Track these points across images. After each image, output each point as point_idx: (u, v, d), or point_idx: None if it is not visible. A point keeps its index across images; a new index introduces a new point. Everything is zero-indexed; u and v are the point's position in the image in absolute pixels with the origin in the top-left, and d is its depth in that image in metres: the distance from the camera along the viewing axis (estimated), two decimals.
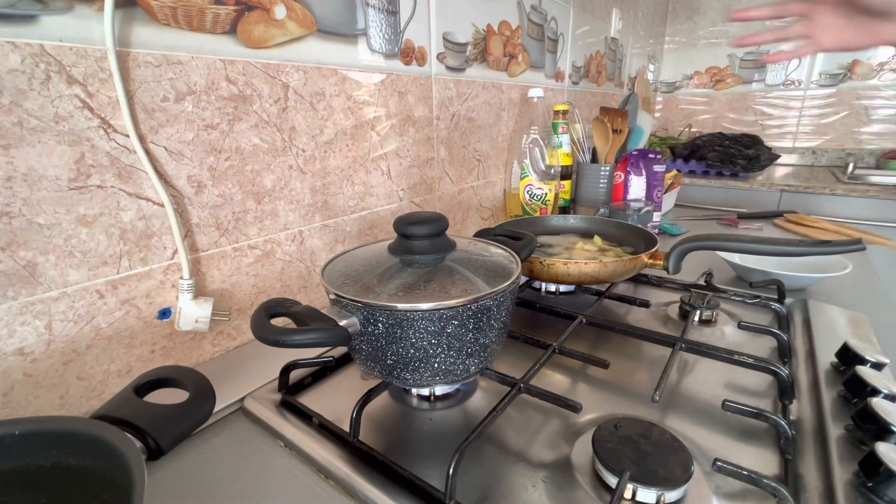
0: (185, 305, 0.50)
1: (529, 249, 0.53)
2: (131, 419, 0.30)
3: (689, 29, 2.15)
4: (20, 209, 0.39)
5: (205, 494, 0.38)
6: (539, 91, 1.03)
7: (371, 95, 0.70)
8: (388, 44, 0.71)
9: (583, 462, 0.39)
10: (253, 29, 0.53)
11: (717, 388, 0.49)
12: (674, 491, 0.34)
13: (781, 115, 2.02)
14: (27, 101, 0.38)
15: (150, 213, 0.47)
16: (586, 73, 1.44)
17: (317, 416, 0.44)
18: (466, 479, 0.37)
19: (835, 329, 0.58)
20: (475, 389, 0.50)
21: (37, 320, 0.41)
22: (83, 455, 0.27)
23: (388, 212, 0.78)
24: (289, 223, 0.62)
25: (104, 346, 0.46)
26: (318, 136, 0.63)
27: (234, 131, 0.53)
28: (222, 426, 0.46)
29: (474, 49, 0.90)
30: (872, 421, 0.38)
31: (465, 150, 0.93)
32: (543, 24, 1.13)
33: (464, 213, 0.98)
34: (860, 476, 0.35)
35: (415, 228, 0.45)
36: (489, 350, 0.44)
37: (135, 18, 0.44)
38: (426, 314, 0.38)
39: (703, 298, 0.65)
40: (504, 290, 0.41)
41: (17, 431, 0.27)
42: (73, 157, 0.41)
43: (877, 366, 0.46)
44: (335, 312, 0.40)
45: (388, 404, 0.47)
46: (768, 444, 0.40)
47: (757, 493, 0.35)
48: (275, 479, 0.39)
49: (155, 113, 0.46)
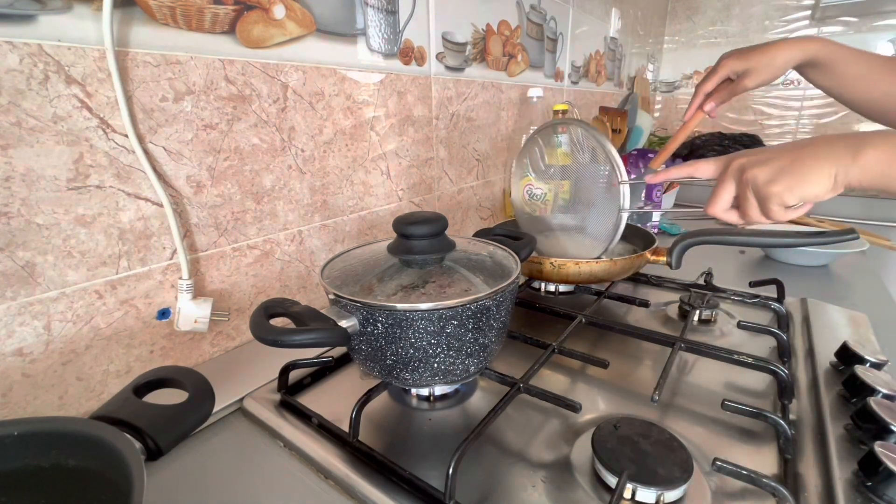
0: (184, 306, 0.50)
1: (529, 249, 0.53)
2: (130, 420, 0.30)
3: (688, 28, 2.15)
4: (19, 209, 0.39)
5: (204, 495, 0.38)
6: (538, 91, 1.03)
7: (370, 95, 0.70)
8: (388, 43, 0.71)
9: (582, 462, 0.38)
10: (252, 29, 0.53)
11: (716, 387, 0.49)
12: (673, 491, 0.34)
13: (781, 115, 2.02)
14: (25, 101, 0.38)
15: (149, 214, 0.47)
16: (585, 72, 1.44)
17: (316, 417, 0.44)
18: (466, 479, 0.37)
19: (834, 329, 0.58)
20: (475, 389, 0.50)
21: (35, 321, 0.41)
22: (82, 456, 0.27)
23: (387, 212, 0.78)
24: (288, 223, 0.62)
25: (103, 346, 0.46)
26: (318, 135, 0.63)
27: (234, 131, 0.53)
28: (222, 426, 0.46)
29: (473, 49, 0.90)
30: (872, 420, 0.38)
31: (465, 150, 0.93)
32: (543, 23, 1.13)
33: (463, 213, 0.98)
34: (859, 475, 0.35)
35: (414, 228, 0.45)
36: (489, 350, 0.44)
37: (133, 18, 0.43)
38: (425, 314, 0.38)
39: (702, 298, 0.65)
40: (503, 289, 0.41)
41: (15, 432, 0.27)
42: (71, 157, 0.41)
43: (876, 365, 0.46)
44: (334, 312, 0.40)
45: (388, 404, 0.47)
46: (768, 444, 0.40)
47: (756, 493, 0.35)
48: (274, 480, 0.39)
49: (154, 113, 0.46)
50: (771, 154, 0.40)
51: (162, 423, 0.31)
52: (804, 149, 0.39)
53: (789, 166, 0.38)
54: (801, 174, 0.38)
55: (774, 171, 0.39)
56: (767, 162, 0.40)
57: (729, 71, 0.63)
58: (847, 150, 0.37)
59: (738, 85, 0.63)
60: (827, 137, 0.39)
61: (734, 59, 0.62)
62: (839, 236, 0.51)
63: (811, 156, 0.38)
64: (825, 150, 0.37)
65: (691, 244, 0.62)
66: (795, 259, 0.85)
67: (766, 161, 0.40)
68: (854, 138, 0.37)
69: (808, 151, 0.38)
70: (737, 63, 0.62)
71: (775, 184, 0.39)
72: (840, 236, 0.51)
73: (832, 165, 0.37)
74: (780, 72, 0.60)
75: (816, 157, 0.38)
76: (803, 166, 0.38)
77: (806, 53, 0.59)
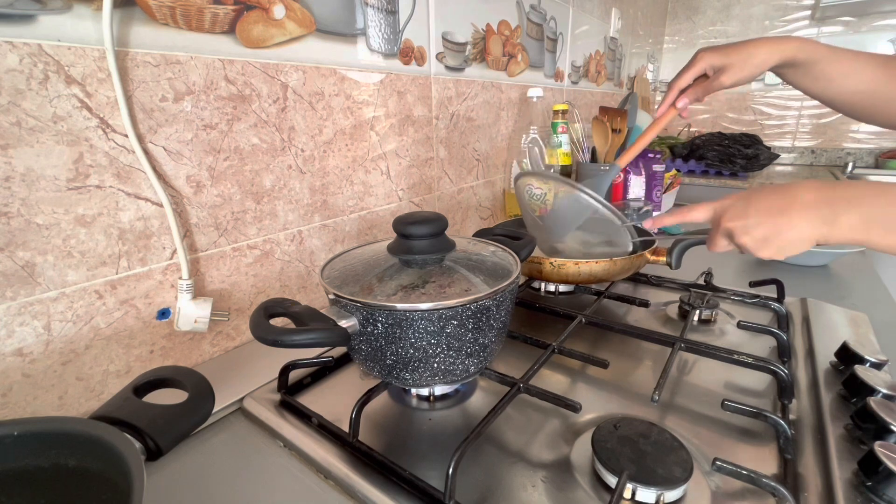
0: (184, 306, 0.50)
1: (529, 249, 0.53)
2: (130, 420, 0.30)
3: (688, 28, 2.15)
4: (18, 209, 0.39)
5: (204, 495, 0.38)
6: (538, 91, 1.03)
7: (370, 95, 0.70)
8: (388, 43, 0.71)
9: (582, 462, 0.39)
10: (252, 28, 0.53)
11: (716, 387, 0.49)
12: (673, 490, 0.34)
13: (780, 115, 2.03)
14: (25, 101, 0.38)
15: (149, 214, 0.47)
16: (585, 72, 1.44)
17: (316, 417, 0.44)
18: (466, 479, 0.37)
19: (834, 328, 0.58)
20: (475, 389, 0.50)
21: (35, 321, 0.41)
22: (82, 456, 0.27)
23: (387, 212, 0.78)
24: (288, 223, 0.62)
25: (103, 346, 0.46)
26: (318, 135, 0.63)
27: (233, 131, 0.53)
28: (221, 426, 0.46)
29: (473, 49, 0.90)
30: (871, 420, 0.38)
31: (465, 150, 0.93)
32: (543, 23, 1.13)
33: (463, 213, 0.98)
34: (859, 475, 0.35)
35: (414, 228, 0.45)
36: (488, 350, 0.44)
37: (133, 18, 0.43)
38: (425, 314, 0.38)
39: (702, 298, 0.65)
40: (503, 289, 0.41)
41: (15, 432, 0.27)
42: (71, 157, 0.41)
43: (876, 365, 0.46)
44: (334, 312, 0.40)
45: (388, 404, 0.47)
46: (768, 444, 0.40)
47: (756, 493, 0.35)
48: (274, 480, 0.39)
49: (154, 113, 0.46)
50: (755, 219, 0.43)
51: (162, 423, 0.31)
52: (782, 217, 0.42)
53: (773, 237, 0.43)
54: (784, 244, 0.42)
55: (759, 240, 0.43)
56: (752, 230, 0.44)
57: (706, 65, 0.61)
58: (822, 222, 0.40)
59: (714, 82, 0.61)
60: (802, 202, 0.41)
61: (711, 54, 0.61)
62: None
63: (789, 227, 0.41)
64: (802, 223, 0.41)
65: (691, 244, 0.62)
66: (795, 259, 0.85)
67: (752, 228, 0.44)
68: (827, 206, 0.40)
69: (785, 223, 0.42)
70: (714, 58, 0.61)
71: (763, 250, 0.44)
72: None
73: (811, 234, 0.41)
74: (756, 70, 0.59)
75: (793, 228, 0.41)
76: (784, 239, 0.42)
77: (784, 53, 0.58)
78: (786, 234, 0.42)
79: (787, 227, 0.41)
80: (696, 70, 0.63)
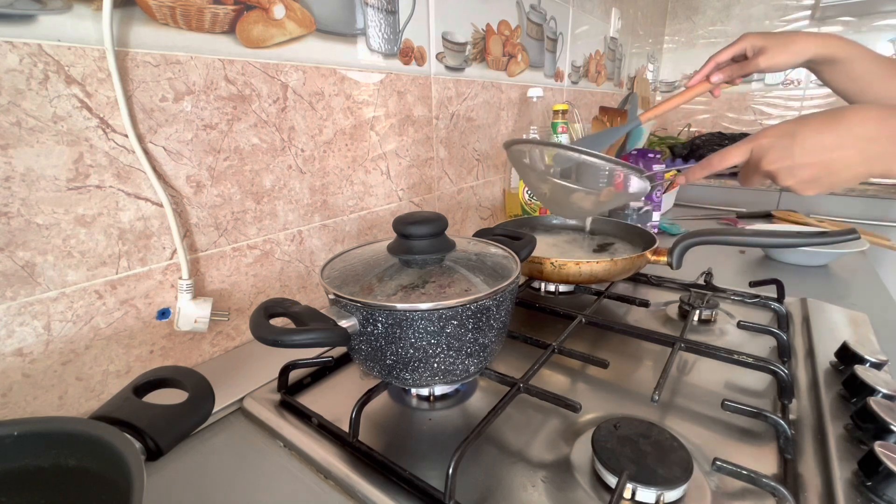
0: (184, 305, 0.50)
1: (529, 249, 0.53)
2: (130, 420, 0.30)
3: (688, 28, 2.15)
4: (18, 209, 0.39)
5: (204, 495, 0.38)
6: (538, 91, 1.03)
7: (370, 95, 0.70)
8: (388, 43, 0.71)
9: (582, 462, 0.38)
10: (252, 28, 0.53)
11: (716, 387, 0.49)
12: (673, 490, 0.34)
13: (781, 115, 2.02)
14: (25, 101, 0.38)
15: (149, 214, 0.47)
16: (585, 72, 1.44)
17: (316, 417, 0.44)
18: (466, 479, 0.37)
19: (834, 328, 0.58)
20: (475, 389, 0.50)
21: (35, 321, 0.41)
22: (82, 456, 0.27)
23: (387, 211, 0.78)
24: (288, 223, 0.62)
25: (103, 346, 0.46)
26: (318, 135, 0.63)
27: (233, 131, 0.53)
28: (221, 426, 0.46)
29: (473, 49, 0.90)
30: (871, 420, 0.38)
31: (465, 150, 0.93)
32: (543, 23, 1.13)
33: (463, 213, 0.98)
34: (859, 475, 0.35)
35: (414, 228, 0.45)
36: (489, 350, 0.44)
37: (133, 18, 0.43)
38: (425, 314, 0.38)
39: (702, 298, 0.65)
40: (503, 289, 0.41)
41: (15, 432, 0.27)
42: (71, 157, 0.41)
43: (876, 365, 0.46)
44: (334, 312, 0.40)
45: (388, 404, 0.47)
46: (768, 444, 0.40)
47: (756, 493, 0.35)
48: (274, 480, 0.39)
49: (154, 113, 0.46)
50: (802, 159, 0.40)
51: (162, 423, 0.31)
52: (834, 154, 0.38)
53: (824, 177, 0.39)
54: (835, 182, 0.39)
55: (807, 182, 0.40)
56: (798, 171, 0.40)
57: (748, 44, 0.63)
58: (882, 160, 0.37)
59: (751, 63, 0.62)
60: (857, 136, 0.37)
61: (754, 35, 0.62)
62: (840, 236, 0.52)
63: (843, 166, 0.38)
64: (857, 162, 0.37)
65: (692, 244, 0.62)
66: (795, 259, 0.85)
67: (798, 170, 0.40)
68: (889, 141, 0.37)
69: (838, 160, 0.38)
70: (756, 39, 0.62)
71: (809, 189, 0.41)
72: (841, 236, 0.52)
73: (868, 171, 0.37)
74: (794, 57, 0.59)
75: (848, 168, 0.38)
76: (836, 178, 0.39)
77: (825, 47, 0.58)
78: (839, 175, 0.38)
79: (840, 167, 0.38)
80: (737, 48, 0.63)
